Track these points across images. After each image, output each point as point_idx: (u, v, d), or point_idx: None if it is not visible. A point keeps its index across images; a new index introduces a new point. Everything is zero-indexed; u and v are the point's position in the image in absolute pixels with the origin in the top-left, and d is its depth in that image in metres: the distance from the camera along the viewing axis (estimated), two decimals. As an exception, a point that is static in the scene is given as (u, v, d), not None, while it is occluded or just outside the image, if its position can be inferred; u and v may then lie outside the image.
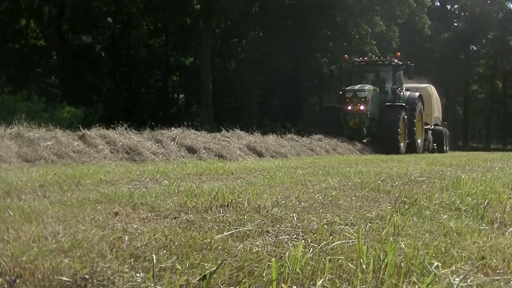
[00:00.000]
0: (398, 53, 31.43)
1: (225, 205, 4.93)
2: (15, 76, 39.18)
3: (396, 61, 30.63)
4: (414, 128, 30.47)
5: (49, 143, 12.25)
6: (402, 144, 28.61)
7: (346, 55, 32.71)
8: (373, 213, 4.71)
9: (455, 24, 77.51)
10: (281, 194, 5.82)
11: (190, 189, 5.98)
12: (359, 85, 28.85)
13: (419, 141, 31.52)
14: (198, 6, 47.31)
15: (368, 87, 28.37)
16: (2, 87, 29.61)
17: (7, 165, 9.72)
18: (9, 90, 29.01)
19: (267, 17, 48.10)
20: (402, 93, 30.90)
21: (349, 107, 27.98)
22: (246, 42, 53.39)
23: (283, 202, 5.18)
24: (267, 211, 4.65)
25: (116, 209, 4.68)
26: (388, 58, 31.07)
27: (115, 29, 53.02)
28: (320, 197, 5.61)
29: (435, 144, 37.04)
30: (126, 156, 13.71)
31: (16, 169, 8.98)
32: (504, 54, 73.76)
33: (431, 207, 5.12)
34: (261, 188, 6.30)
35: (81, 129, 14.41)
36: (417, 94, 31.88)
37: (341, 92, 29.27)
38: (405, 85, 31.88)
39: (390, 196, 6.00)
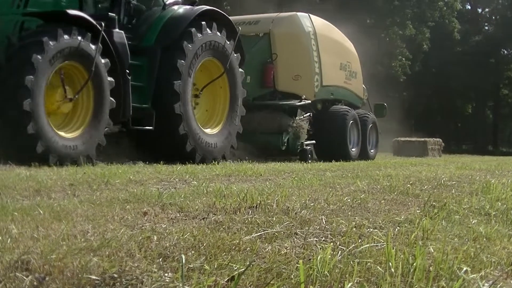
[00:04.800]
0: None
1: (253, 207, 4.93)
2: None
3: None
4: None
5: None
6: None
7: None
8: (402, 217, 4.69)
9: (486, 27, 76.96)
10: (309, 196, 5.81)
11: (219, 190, 5.99)
12: None
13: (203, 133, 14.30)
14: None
15: None
16: None
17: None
18: None
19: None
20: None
21: None
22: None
23: (311, 204, 5.17)
24: (295, 213, 4.64)
25: (145, 209, 4.69)
26: None
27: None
28: (348, 200, 5.59)
29: (310, 143, 18.74)
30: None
31: (46, 168, 9.04)
32: (536, 58, 73.15)
33: (461, 212, 5.09)
34: (290, 190, 6.29)
35: None
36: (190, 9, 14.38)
37: None
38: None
39: (419, 200, 5.97)
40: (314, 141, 18.95)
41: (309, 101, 18.88)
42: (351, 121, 20.06)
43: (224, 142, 14.49)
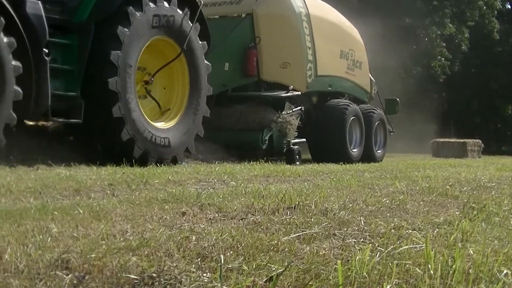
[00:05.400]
0: None
1: (292, 207, 4.93)
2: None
3: None
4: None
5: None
6: None
7: None
8: (441, 218, 4.66)
9: (527, 28, 76.14)
10: (348, 197, 5.79)
11: (258, 190, 5.99)
12: None
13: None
14: None
15: None
16: None
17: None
18: None
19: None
20: None
21: None
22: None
23: (350, 205, 5.15)
24: (334, 214, 4.63)
25: (183, 209, 4.71)
26: None
27: None
28: (387, 201, 5.57)
29: (299, 141, 16.28)
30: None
31: (86, 167, 9.11)
32: None
33: (500, 214, 5.04)
34: (328, 190, 6.28)
35: None
36: None
37: None
38: None
39: (458, 201, 5.93)
40: (304, 140, 16.53)
41: (299, 93, 16.28)
42: (352, 117, 17.21)
43: (181, 138, 11.93)
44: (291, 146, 15.34)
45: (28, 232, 3.53)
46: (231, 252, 3.25)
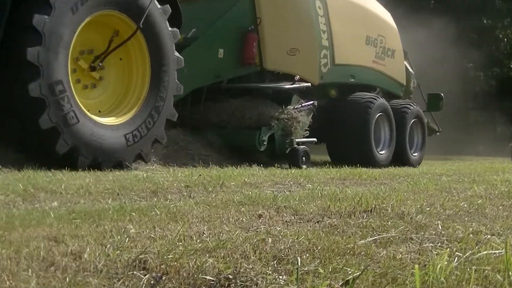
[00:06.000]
0: None
1: (368, 211, 4.89)
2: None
3: None
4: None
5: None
6: None
7: None
8: (521, 223, 4.58)
9: None
10: (425, 201, 5.72)
11: (334, 193, 5.97)
12: None
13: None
14: None
15: None
16: None
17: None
18: None
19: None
20: None
21: None
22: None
23: (427, 209, 5.09)
24: (411, 218, 4.59)
25: (259, 211, 4.72)
26: None
27: None
28: (465, 205, 5.48)
29: (307, 141, 13.10)
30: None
31: (162, 169, 9.19)
32: None
33: None
34: (405, 194, 6.22)
35: None
36: None
37: None
38: None
39: (540, 206, 5.81)
40: (314, 140, 13.28)
41: (308, 84, 13.40)
42: (379, 114, 14.45)
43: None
44: (295, 145, 12.41)
45: (106, 233, 3.58)
46: (307, 255, 3.25)
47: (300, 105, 12.94)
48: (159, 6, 9.70)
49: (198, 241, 3.44)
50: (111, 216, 4.24)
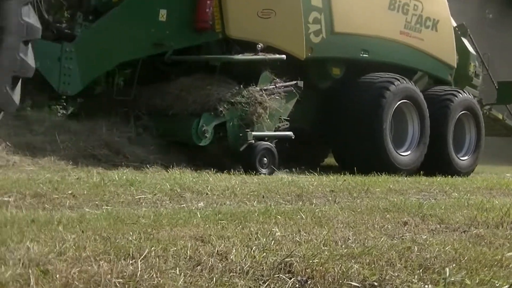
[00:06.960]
0: None
1: (517, 222, 4.77)
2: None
3: None
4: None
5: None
6: None
7: None
8: None
9: None
10: None
11: (481, 203, 5.85)
12: None
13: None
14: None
15: None
16: None
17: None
18: None
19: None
20: None
21: None
22: None
23: None
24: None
25: (405, 218, 4.68)
26: None
27: None
28: None
29: (275, 135, 9.68)
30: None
31: (307, 173, 9.21)
32: None
33: None
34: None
35: None
36: None
37: None
38: None
39: None
40: (290, 133, 9.79)
41: (282, 57, 9.98)
42: (400, 101, 10.94)
43: None
44: (251, 140, 9.22)
45: (252, 235, 3.64)
46: (454, 265, 3.20)
47: (274, 86, 9.83)
48: None
49: (343, 246, 3.44)
50: (257, 218, 4.30)
